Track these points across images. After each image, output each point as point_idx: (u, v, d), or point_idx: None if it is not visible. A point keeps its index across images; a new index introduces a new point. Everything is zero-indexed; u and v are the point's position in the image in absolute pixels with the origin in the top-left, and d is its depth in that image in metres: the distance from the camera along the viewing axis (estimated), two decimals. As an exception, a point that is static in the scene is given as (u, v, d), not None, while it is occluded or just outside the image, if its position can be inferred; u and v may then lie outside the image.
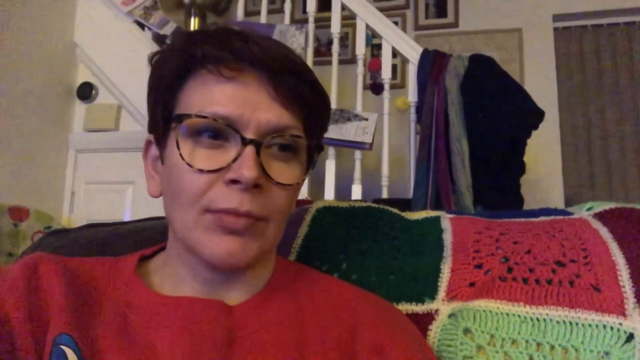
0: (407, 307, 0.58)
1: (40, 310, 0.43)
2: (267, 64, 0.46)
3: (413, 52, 2.03)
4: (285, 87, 0.47)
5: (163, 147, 0.50)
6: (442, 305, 0.57)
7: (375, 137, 1.94)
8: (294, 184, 0.48)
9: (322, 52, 2.83)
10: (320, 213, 0.72)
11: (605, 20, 2.67)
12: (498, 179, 1.77)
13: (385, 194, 1.95)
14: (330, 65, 2.11)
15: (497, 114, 1.77)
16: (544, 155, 2.48)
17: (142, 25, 2.36)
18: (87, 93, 2.38)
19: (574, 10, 2.67)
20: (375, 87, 2.43)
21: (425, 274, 0.61)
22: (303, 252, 0.67)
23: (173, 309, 0.47)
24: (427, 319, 0.57)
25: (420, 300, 0.58)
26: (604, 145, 2.57)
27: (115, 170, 2.29)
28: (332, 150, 1.98)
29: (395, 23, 2.46)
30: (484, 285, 0.57)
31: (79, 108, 2.42)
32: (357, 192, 1.94)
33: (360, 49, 2.10)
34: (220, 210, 0.45)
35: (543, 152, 2.43)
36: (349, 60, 2.72)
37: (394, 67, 2.35)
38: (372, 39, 2.35)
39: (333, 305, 0.51)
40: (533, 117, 1.78)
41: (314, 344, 0.47)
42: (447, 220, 0.69)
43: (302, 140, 0.49)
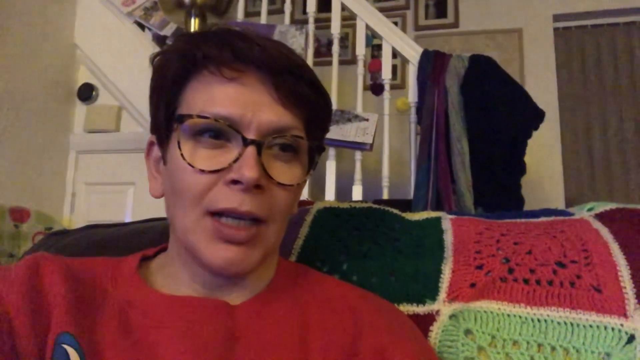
0: (408, 308, 0.58)
1: (42, 309, 0.43)
2: (268, 65, 0.46)
3: (413, 52, 2.03)
4: (287, 87, 0.47)
5: (165, 147, 0.50)
6: (443, 306, 0.57)
7: (376, 137, 1.94)
8: (295, 185, 0.48)
9: (322, 52, 2.83)
10: (321, 214, 0.72)
11: (605, 20, 2.67)
12: (499, 180, 1.77)
13: (386, 195, 1.95)
14: (331, 66, 2.11)
15: (497, 115, 1.77)
16: (545, 156, 2.47)
17: (142, 26, 2.37)
18: (87, 94, 2.39)
19: (574, 10, 2.67)
20: (376, 87, 2.43)
21: (426, 275, 0.61)
22: (304, 253, 0.67)
23: (174, 308, 0.47)
24: (428, 320, 0.56)
25: (421, 301, 0.58)
26: (605, 145, 2.57)
27: (116, 172, 2.30)
28: (332, 151, 1.98)
29: (395, 23, 2.46)
30: (485, 286, 0.57)
31: (80, 109, 2.42)
32: (357, 193, 1.94)
33: (361, 50, 2.10)
34: (221, 211, 0.45)
35: (544, 152, 2.43)
36: (349, 61, 2.72)
37: (394, 67, 2.35)
38: (372, 40, 2.35)
39: (335, 306, 0.51)
40: (533, 117, 1.78)
41: (316, 344, 0.47)
42: (447, 221, 0.69)
43: (303, 141, 0.49)
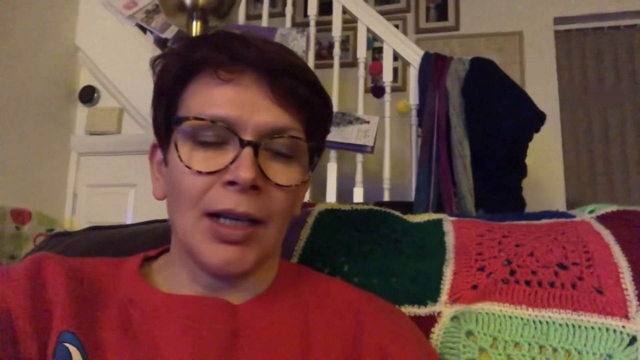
0: (409, 309, 0.58)
1: (44, 309, 0.43)
2: (265, 66, 0.46)
3: (414, 55, 2.03)
4: (284, 88, 0.47)
5: (166, 150, 0.50)
6: (444, 308, 0.57)
7: (377, 140, 1.94)
8: (293, 186, 0.48)
9: (323, 55, 2.84)
10: (323, 216, 0.72)
11: (606, 23, 2.67)
12: (500, 182, 1.77)
13: (387, 197, 1.95)
14: (332, 69, 2.11)
15: (498, 117, 1.77)
16: (546, 158, 2.47)
17: (143, 29, 2.37)
18: (89, 96, 2.39)
19: (575, 13, 2.67)
20: (377, 90, 2.43)
21: (428, 277, 0.61)
22: (305, 254, 0.67)
23: (176, 307, 0.47)
24: (429, 322, 0.56)
25: (423, 303, 0.58)
26: (606, 148, 2.57)
27: (117, 173, 2.30)
28: (333, 153, 1.98)
29: (396, 26, 2.47)
30: (487, 288, 0.57)
31: (81, 111, 2.42)
32: (358, 195, 1.94)
33: (362, 53, 2.11)
34: (218, 212, 0.45)
35: (545, 154, 2.43)
36: (350, 64, 2.72)
37: (395, 70, 2.35)
38: (373, 42, 2.35)
39: (337, 306, 0.51)
40: (534, 119, 1.78)
41: (318, 344, 0.47)
42: (449, 223, 0.69)
43: (301, 142, 0.49)
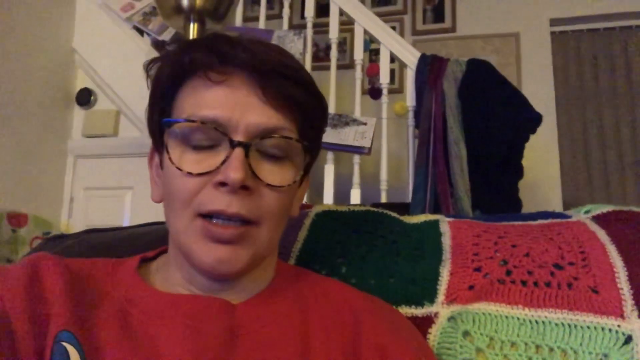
0: (406, 310, 0.58)
1: (41, 308, 0.43)
2: (255, 67, 0.47)
3: (411, 57, 2.04)
4: (275, 88, 0.47)
5: (161, 153, 0.51)
6: (441, 309, 0.57)
7: (374, 141, 1.94)
8: (285, 186, 0.48)
9: (320, 57, 2.85)
10: (320, 217, 0.73)
11: (602, 25, 2.69)
12: (496, 183, 1.78)
13: (384, 198, 1.96)
14: (329, 71, 2.12)
15: (494, 118, 1.78)
16: (542, 159, 2.48)
17: (141, 31, 2.37)
18: (85, 99, 2.39)
19: (571, 15, 2.69)
20: (374, 91, 2.44)
21: (425, 278, 0.61)
22: (303, 256, 0.67)
23: (175, 306, 0.47)
24: (426, 323, 0.57)
25: (420, 304, 0.58)
26: (602, 149, 2.58)
27: (114, 176, 2.29)
28: (330, 155, 1.98)
29: (393, 28, 2.48)
30: (483, 288, 0.57)
31: (78, 114, 2.42)
32: (356, 196, 1.94)
33: (359, 54, 2.11)
34: (209, 213, 0.45)
35: (541, 155, 2.44)
36: (347, 65, 2.73)
37: (392, 71, 2.36)
38: (370, 44, 2.36)
39: (335, 305, 0.51)
40: (531, 121, 1.78)
41: (317, 342, 0.47)
42: (445, 224, 0.69)
43: (294, 142, 0.48)
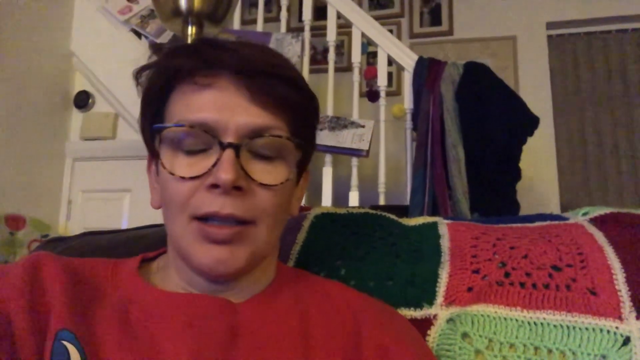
0: (405, 312, 0.58)
1: (41, 307, 0.43)
2: (241, 68, 0.47)
3: (408, 59, 2.04)
4: (262, 88, 0.47)
5: (156, 159, 0.51)
6: (440, 311, 0.58)
7: (372, 144, 1.94)
8: (278, 185, 0.48)
9: (318, 60, 2.85)
10: (319, 220, 0.73)
11: (598, 28, 2.70)
12: (494, 185, 1.78)
13: (382, 201, 1.96)
14: (327, 73, 2.11)
15: (492, 121, 1.78)
16: (540, 162, 2.49)
17: (138, 34, 2.37)
18: (83, 102, 2.39)
19: (567, 18, 2.70)
20: (371, 94, 2.44)
21: (424, 280, 0.61)
22: (302, 258, 0.67)
23: (176, 304, 0.48)
24: (425, 325, 0.57)
25: (419, 306, 0.59)
26: (599, 151, 2.59)
27: (112, 179, 2.29)
28: (329, 158, 1.98)
29: (391, 31, 2.48)
30: (482, 290, 0.58)
31: (76, 117, 2.42)
32: (354, 198, 1.94)
33: (356, 57, 2.12)
34: (204, 215, 0.46)
35: (538, 158, 2.45)
36: (345, 68, 2.74)
37: (390, 74, 2.36)
38: (367, 47, 2.36)
39: (335, 306, 0.52)
40: (528, 123, 1.79)
41: (319, 341, 0.48)
42: (444, 226, 0.69)
43: (285, 140, 0.48)
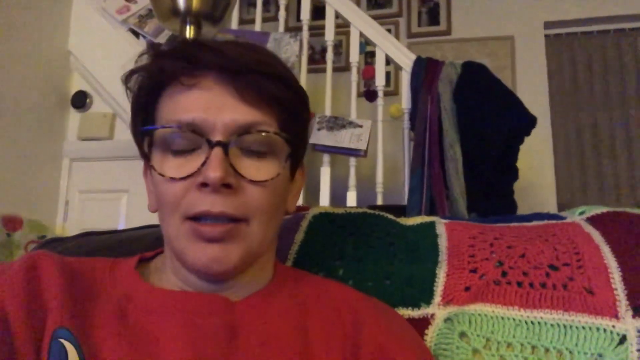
0: (403, 312, 0.58)
1: (39, 305, 0.43)
2: (225, 66, 0.47)
3: (406, 59, 2.04)
4: (248, 85, 0.47)
5: (148, 162, 0.51)
6: (438, 310, 0.58)
7: (370, 144, 1.95)
8: (269, 180, 0.48)
9: (316, 59, 2.85)
10: (316, 219, 0.73)
11: (596, 28, 2.71)
12: (491, 185, 1.79)
13: (380, 201, 1.96)
14: (325, 73, 2.12)
15: (489, 121, 1.79)
16: (537, 161, 2.49)
17: (136, 34, 2.37)
18: (81, 102, 2.38)
19: (565, 18, 2.70)
20: (369, 94, 2.44)
21: (421, 279, 0.61)
22: (299, 258, 0.67)
23: (174, 302, 0.48)
24: (423, 324, 0.57)
25: (417, 305, 0.59)
26: (596, 150, 2.60)
27: (110, 179, 2.29)
28: (326, 158, 1.98)
29: (389, 31, 2.49)
30: (479, 290, 0.58)
31: (73, 117, 2.41)
32: (352, 198, 1.95)
33: (354, 57, 2.12)
34: (196, 215, 0.46)
35: (536, 158, 2.45)
36: (343, 68, 2.74)
37: (388, 74, 2.36)
38: (365, 47, 2.36)
39: (334, 305, 0.52)
40: (525, 123, 1.80)
41: (317, 340, 0.48)
42: (441, 226, 0.69)
43: (273, 135, 0.48)
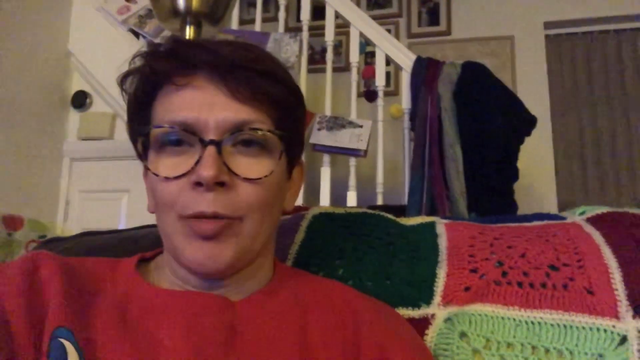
0: (403, 312, 0.58)
1: (39, 304, 0.43)
2: (216, 64, 0.47)
3: (406, 59, 2.04)
4: (239, 83, 0.47)
5: (145, 162, 0.51)
6: (438, 310, 0.58)
7: (370, 144, 1.95)
8: (263, 178, 0.47)
9: (316, 60, 2.85)
10: (317, 219, 0.73)
11: (596, 28, 2.71)
12: (492, 185, 1.79)
13: (380, 201, 1.96)
14: (325, 73, 2.12)
15: (490, 121, 1.79)
16: (537, 162, 2.49)
17: (136, 34, 2.37)
18: (81, 101, 2.38)
19: (565, 18, 2.70)
20: (369, 94, 2.44)
21: (421, 279, 0.61)
22: (300, 258, 0.67)
23: (175, 302, 0.48)
24: (423, 324, 0.57)
25: (417, 305, 0.59)
26: (596, 150, 2.60)
27: (110, 179, 2.29)
28: (327, 158, 1.98)
29: (389, 31, 2.48)
30: (479, 290, 0.58)
31: (74, 116, 2.41)
32: (352, 199, 1.94)
33: (354, 57, 2.12)
34: (191, 216, 0.46)
35: (536, 158, 2.45)
36: (343, 68, 2.74)
37: (388, 74, 2.37)
38: (365, 47, 2.37)
39: (334, 305, 0.52)
40: (525, 123, 1.80)
41: (318, 340, 0.48)
42: (441, 226, 0.69)
43: (266, 133, 0.48)
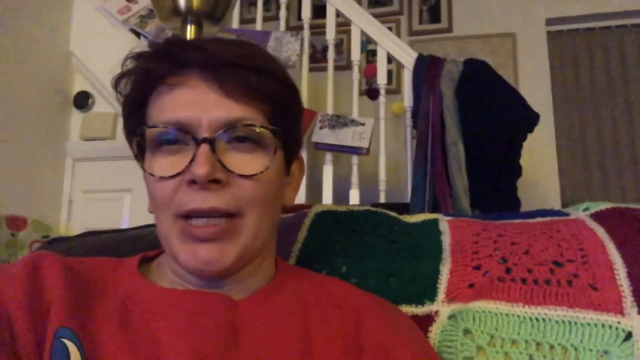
0: (407, 309, 0.58)
1: (41, 305, 0.44)
2: (208, 63, 0.47)
3: (408, 57, 2.04)
4: (231, 80, 0.47)
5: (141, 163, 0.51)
6: (441, 307, 0.58)
7: (372, 142, 1.94)
8: (258, 174, 0.47)
9: (317, 58, 2.85)
10: (319, 217, 0.73)
11: (598, 24, 2.69)
12: (495, 182, 1.78)
13: (383, 199, 1.96)
14: (326, 72, 2.12)
15: (492, 118, 1.78)
16: (540, 158, 2.49)
17: (137, 34, 2.37)
18: (83, 102, 2.39)
19: (567, 14, 2.69)
20: (371, 92, 2.44)
21: (425, 276, 0.61)
22: (302, 256, 0.67)
23: (176, 301, 0.48)
24: (427, 321, 0.57)
25: (420, 302, 0.59)
26: (599, 147, 2.59)
27: (113, 179, 2.29)
28: (329, 156, 1.98)
29: (390, 29, 2.48)
30: (483, 286, 0.58)
31: (76, 117, 2.42)
32: (354, 197, 1.94)
33: (356, 55, 2.12)
34: (187, 213, 0.46)
35: (539, 155, 2.45)
36: (345, 67, 2.73)
37: (389, 72, 2.36)
38: (367, 45, 2.36)
39: (337, 303, 0.52)
40: (528, 120, 1.79)
41: (319, 338, 0.48)
42: (445, 223, 0.69)
43: (259, 129, 0.48)
